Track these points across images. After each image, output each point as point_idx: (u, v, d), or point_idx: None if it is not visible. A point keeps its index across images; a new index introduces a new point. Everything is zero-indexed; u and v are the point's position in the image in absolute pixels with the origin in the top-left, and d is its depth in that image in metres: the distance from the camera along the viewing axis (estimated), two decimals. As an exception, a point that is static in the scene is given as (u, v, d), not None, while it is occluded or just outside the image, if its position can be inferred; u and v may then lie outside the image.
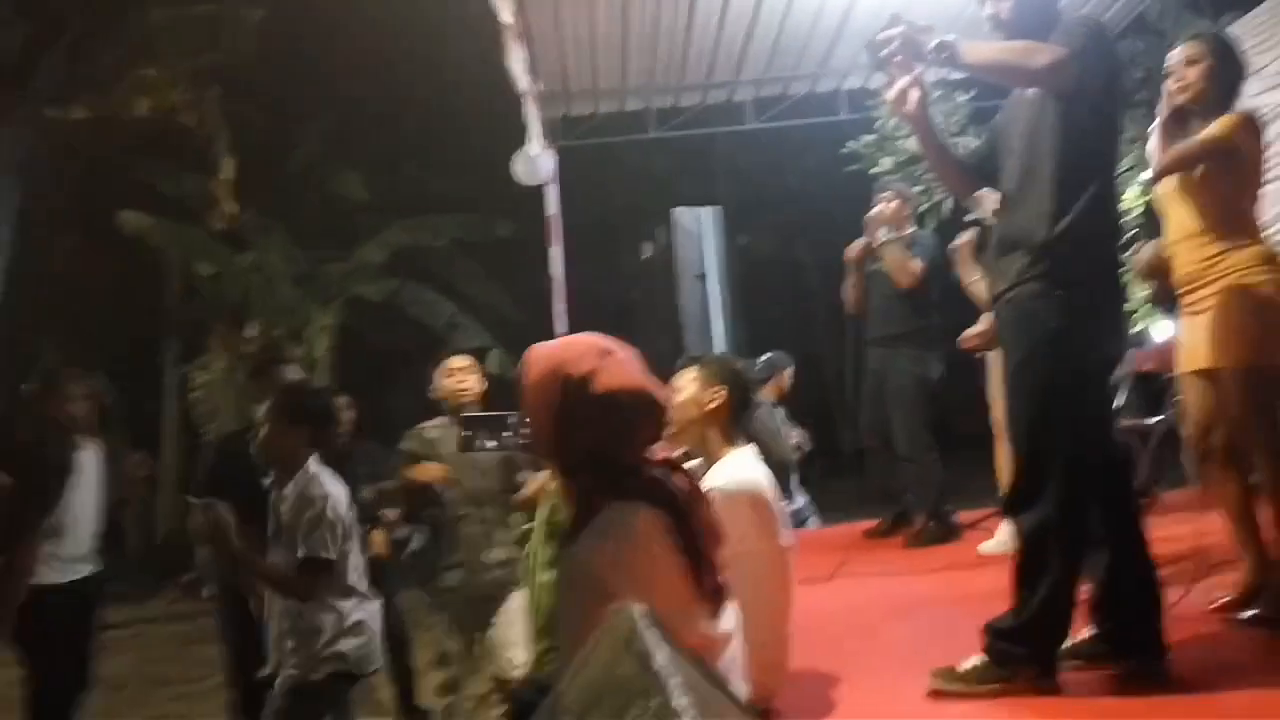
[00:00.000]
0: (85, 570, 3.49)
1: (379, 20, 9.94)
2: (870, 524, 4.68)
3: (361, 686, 4.28)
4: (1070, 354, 2.14)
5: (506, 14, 4.31)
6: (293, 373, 3.60)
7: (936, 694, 2.15)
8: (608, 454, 1.56)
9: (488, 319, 11.37)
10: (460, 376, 3.67)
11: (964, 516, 4.41)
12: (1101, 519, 2.19)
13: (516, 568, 3.69)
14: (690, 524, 1.52)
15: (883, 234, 4.26)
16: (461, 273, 11.61)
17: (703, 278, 5.22)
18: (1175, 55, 2.64)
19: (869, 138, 6.25)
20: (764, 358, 5.78)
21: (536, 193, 5.89)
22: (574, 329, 5.33)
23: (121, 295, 10.32)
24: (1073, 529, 2.13)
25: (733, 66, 5.83)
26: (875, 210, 4.39)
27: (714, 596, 1.54)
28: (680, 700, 0.62)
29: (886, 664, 2.49)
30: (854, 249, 4.43)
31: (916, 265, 4.21)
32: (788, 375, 5.48)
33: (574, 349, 1.61)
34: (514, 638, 3.47)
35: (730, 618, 1.61)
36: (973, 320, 3.84)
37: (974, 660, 2.15)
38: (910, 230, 4.45)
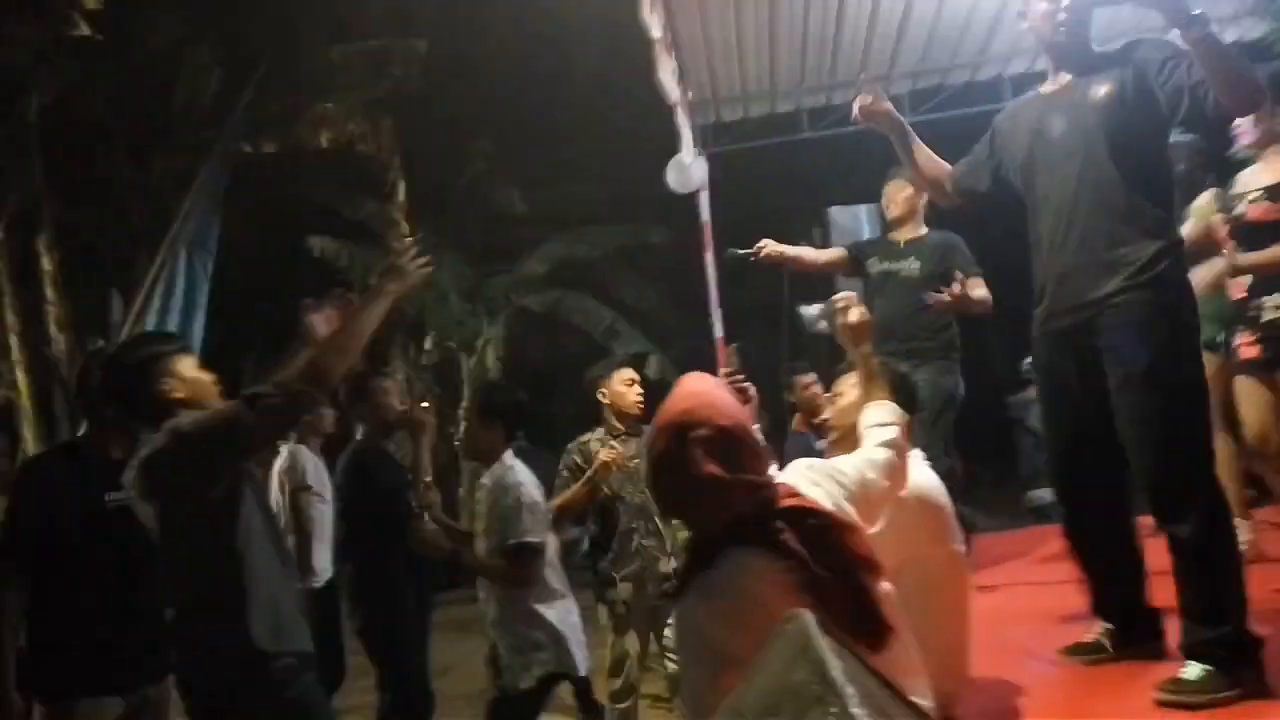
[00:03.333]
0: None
1: (532, 39, 10.29)
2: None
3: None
4: (1195, 352, 2.23)
5: (656, 28, 4.39)
6: (389, 385, 3.84)
7: (1164, 705, 2.07)
8: (698, 523, 1.56)
9: (646, 325, 11.55)
10: (638, 388, 3.75)
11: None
12: None
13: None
14: (815, 568, 1.48)
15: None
16: (619, 281, 11.86)
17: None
18: None
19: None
20: (1027, 361, 5.77)
21: (689, 199, 5.95)
22: (732, 334, 5.37)
23: (310, 315, 11.11)
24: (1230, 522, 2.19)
25: (886, 60, 5.68)
26: (883, 199, 4.12)
27: (868, 629, 1.48)
28: (858, 710, 0.63)
29: (1069, 674, 2.38)
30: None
31: (983, 291, 3.84)
32: None
33: (659, 421, 1.61)
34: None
35: (904, 644, 1.58)
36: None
37: (1196, 669, 2.06)
38: (924, 231, 4.03)
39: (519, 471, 3.19)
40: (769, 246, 3.97)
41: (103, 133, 9.65)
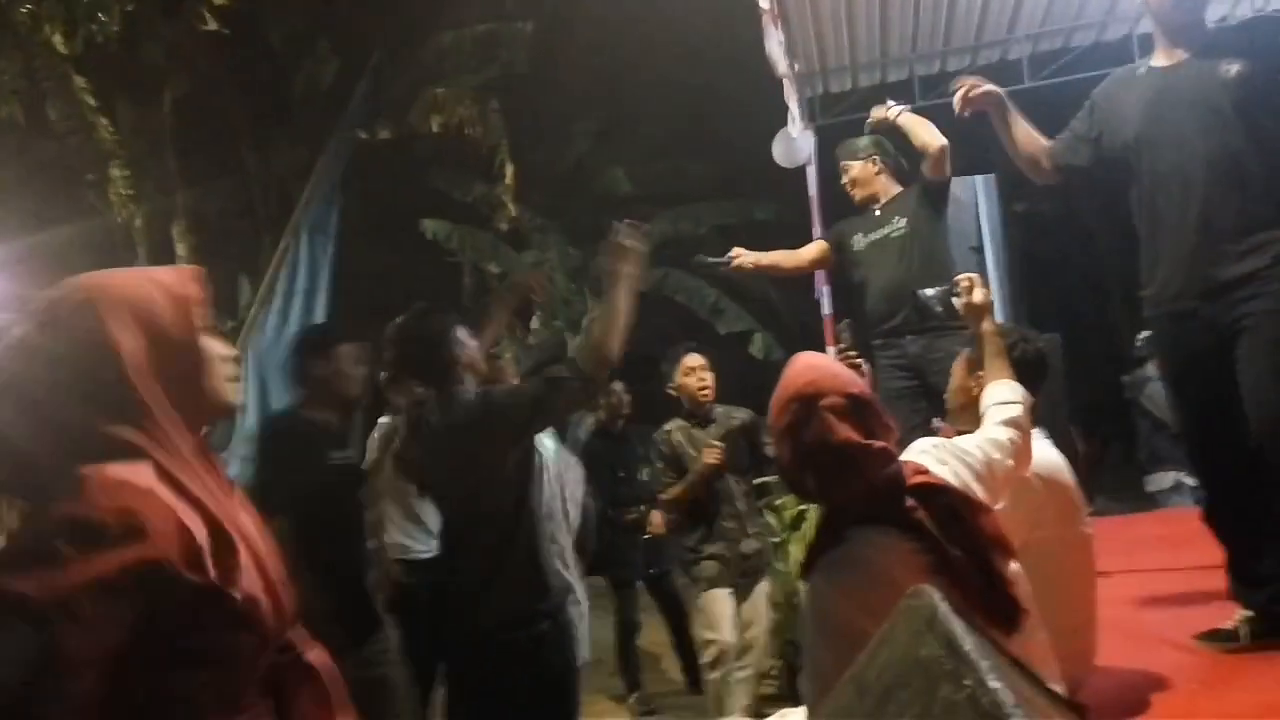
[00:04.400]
0: None
1: (635, 16, 10.28)
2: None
3: (648, 659, 4.51)
4: None
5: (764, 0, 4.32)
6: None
7: None
8: (832, 495, 1.53)
9: (751, 302, 11.46)
10: (701, 374, 3.77)
11: None
12: None
13: (768, 556, 3.77)
14: (947, 548, 1.45)
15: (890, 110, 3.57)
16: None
17: (979, 249, 4.94)
18: None
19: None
20: (1143, 335, 5.53)
21: (794, 174, 5.85)
22: (841, 310, 5.28)
23: (424, 295, 11.46)
24: None
25: (1004, 23, 5.46)
26: (844, 180, 3.73)
27: (1001, 612, 1.44)
28: (995, 684, 0.61)
29: (1203, 661, 2.27)
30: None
31: (937, 135, 3.45)
32: None
33: (781, 396, 1.58)
34: (755, 618, 3.62)
35: (1029, 629, 1.53)
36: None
37: None
38: (897, 190, 3.61)
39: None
40: (741, 256, 3.74)
41: (230, 124, 10.14)
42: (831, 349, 4.73)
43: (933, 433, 2.50)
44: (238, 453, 6.44)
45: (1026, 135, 2.66)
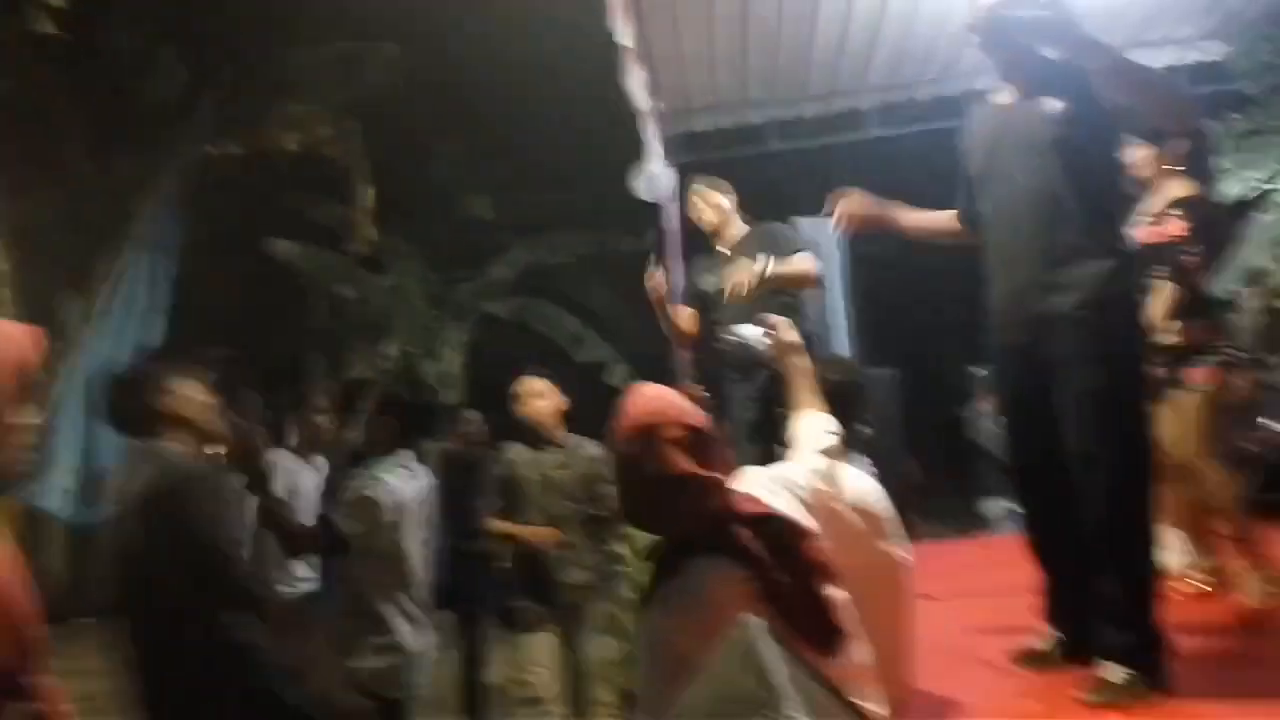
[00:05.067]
0: None
1: (501, 45, 10.28)
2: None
3: (493, 696, 4.38)
4: (1142, 373, 2.32)
5: (626, 38, 4.40)
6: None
7: (1090, 709, 2.10)
8: (668, 526, 1.56)
9: (611, 332, 11.54)
10: (524, 401, 3.84)
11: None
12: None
13: (598, 589, 3.78)
14: (776, 575, 1.48)
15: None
16: (586, 288, 11.84)
17: (826, 289, 5.15)
18: None
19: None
20: (974, 370, 5.79)
21: (656, 205, 5.95)
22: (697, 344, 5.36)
23: (272, 317, 10.98)
24: None
25: (857, 74, 5.75)
26: (690, 210, 3.94)
27: (823, 636, 1.48)
28: (802, 716, 0.63)
29: (1020, 682, 2.41)
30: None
31: (807, 263, 3.59)
32: None
33: (621, 425, 1.58)
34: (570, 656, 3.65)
35: (858, 650, 1.58)
36: None
37: (1120, 673, 2.10)
38: (746, 230, 3.75)
39: (386, 474, 3.20)
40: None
41: (62, 131, 9.47)
42: (681, 380, 4.82)
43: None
44: (58, 485, 5.99)
45: (920, 224, 2.73)
